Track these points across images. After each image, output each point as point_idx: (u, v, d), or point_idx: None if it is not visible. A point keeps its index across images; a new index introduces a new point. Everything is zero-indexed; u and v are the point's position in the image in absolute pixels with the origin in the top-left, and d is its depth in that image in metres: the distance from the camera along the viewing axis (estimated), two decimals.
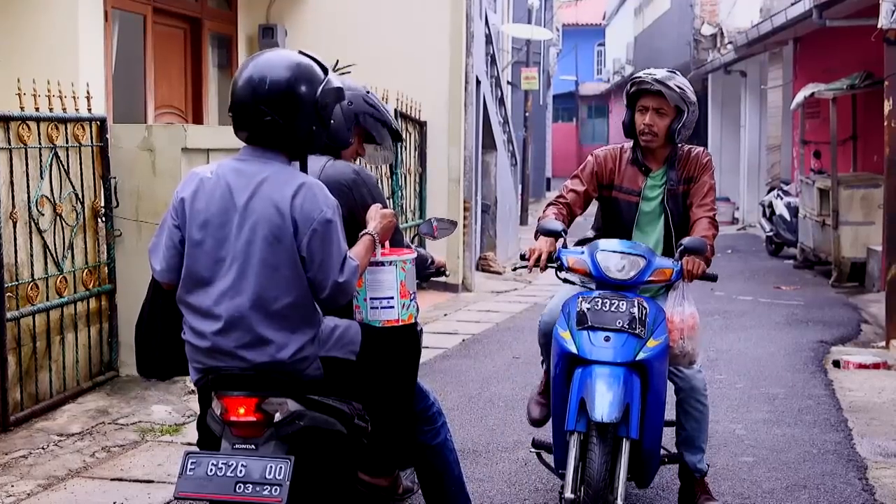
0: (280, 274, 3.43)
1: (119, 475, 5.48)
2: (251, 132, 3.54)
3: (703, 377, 4.96)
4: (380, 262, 3.74)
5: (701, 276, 4.61)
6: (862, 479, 5.60)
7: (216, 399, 3.50)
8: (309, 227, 3.42)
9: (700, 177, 4.90)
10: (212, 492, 3.34)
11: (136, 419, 6.41)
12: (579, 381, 4.36)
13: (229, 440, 3.46)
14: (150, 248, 3.65)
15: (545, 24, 29.15)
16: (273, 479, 3.32)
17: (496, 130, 16.96)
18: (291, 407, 3.46)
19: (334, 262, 3.44)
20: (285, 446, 3.45)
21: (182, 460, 3.40)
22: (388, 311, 3.75)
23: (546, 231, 4.74)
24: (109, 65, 9.46)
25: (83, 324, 6.78)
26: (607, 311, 4.45)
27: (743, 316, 11.21)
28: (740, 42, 20.07)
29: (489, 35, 16.42)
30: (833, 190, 13.80)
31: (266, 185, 3.46)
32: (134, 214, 6.96)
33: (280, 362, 3.45)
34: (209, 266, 3.48)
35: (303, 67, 3.53)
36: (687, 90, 4.77)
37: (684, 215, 4.92)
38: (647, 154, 4.91)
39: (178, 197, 3.60)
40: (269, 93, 3.46)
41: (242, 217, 3.45)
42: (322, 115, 3.55)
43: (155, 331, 3.74)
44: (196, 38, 11.22)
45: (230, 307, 3.44)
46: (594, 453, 4.25)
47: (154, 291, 3.75)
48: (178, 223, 3.57)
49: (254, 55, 3.62)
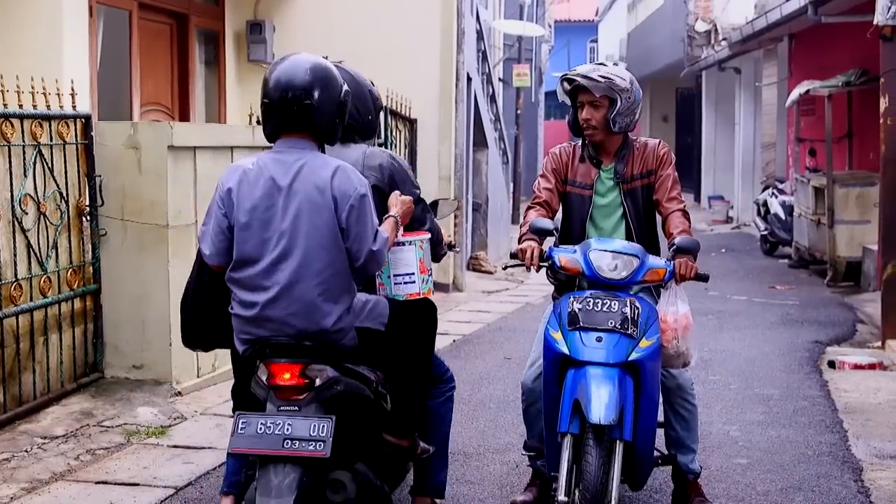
0: (323, 246, 3.98)
1: (104, 478, 5.47)
2: (282, 120, 4.07)
3: (690, 376, 4.97)
4: (401, 242, 4.34)
5: (693, 277, 4.63)
6: (857, 480, 5.61)
7: (263, 366, 4.01)
8: (347, 202, 4.00)
9: (660, 170, 4.92)
10: (263, 447, 3.84)
11: (121, 421, 6.40)
12: (572, 383, 4.36)
13: (274, 403, 3.96)
14: (199, 236, 4.22)
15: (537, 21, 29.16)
16: (317, 435, 3.84)
17: (487, 128, 16.96)
18: (330, 373, 4.00)
19: (369, 232, 4.03)
20: (324, 408, 3.96)
21: (234, 420, 3.91)
22: (411, 286, 4.36)
23: (538, 229, 4.76)
24: (94, 61, 9.43)
25: (67, 324, 6.76)
26: (599, 311, 4.46)
27: (737, 316, 11.23)
28: (735, 38, 20.09)
29: (480, 31, 16.42)
30: (828, 188, 13.82)
31: (305, 169, 4.03)
32: (119, 213, 6.94)
33: (324, 331, 4.00)
34: (257, 246, 4.01)
35: (323, 66, 4.12)
36: (615, 78, 4.78)
37: (646, 210, 4.94)
38: (599, 148, 4.95)
39: (224, 188, 4.13)
40: (295, 85, 4.01)
41: (287, 199, 4.00)
42: (343, 106, 4.13)
43: (200, 307, 4.30)
44: (183, 35, 11.20)
45: (279, 278, 3.97)
46: (591, 456, 4.25)
47: (199, 271, 4.30)
48: (225, 211, 4.10)
49: (284, 56, 4.16)
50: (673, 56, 27.25)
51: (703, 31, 25.37)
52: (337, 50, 9.66)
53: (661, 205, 4.92)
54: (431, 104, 12.58)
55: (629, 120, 4.85)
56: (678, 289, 4.67)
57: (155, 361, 6.98)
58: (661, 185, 4.92)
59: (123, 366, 7.04)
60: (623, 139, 4.95)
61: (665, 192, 4.91)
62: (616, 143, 4.94)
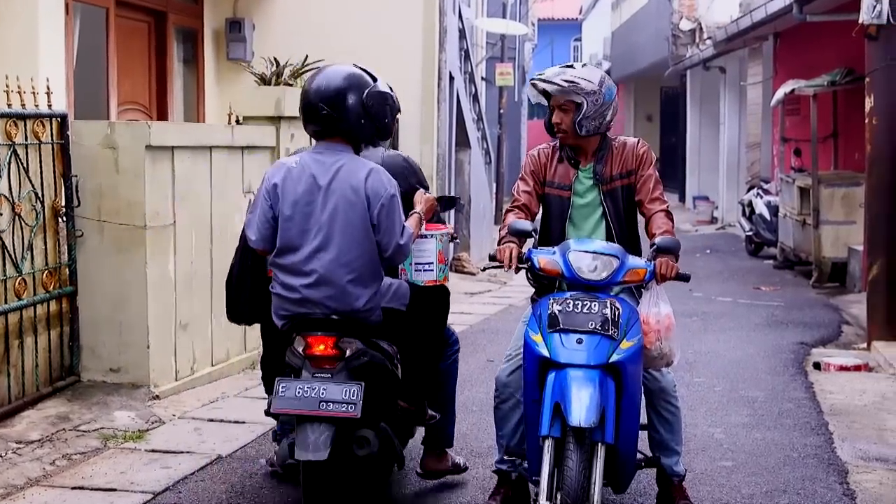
0: (356, 239, 4.65)
1: (80, 483, 5.45)
2: (318, 126, 4.76)
3: (672, 378, 4.98)
4: (423, 235, 4.98)
5: (674, 277, 4.65)
6: (843, 483, 5.64)
7: (300, 338, 4.64)
8: (378, 201, 4.66)
9: (641, 170, 4.94)
10: (301, 408, 4.47)
11: (97, 425, 6.37)
12: (553, 385, 4.37)
13: (309, 370, 4.59)
14: (245, 224, 4.87)
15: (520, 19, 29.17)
16: (349, 399, 4.47)
17: (470, 128, 16.96)
18: (359, 346, 4.64)
19: (396, 228, 4.69)
20: (351, 376, 4.58)
21: (275, 385, 4.52)
22: (429, 273, 5.01)
23: (516, 231, 4.79)
24: (70, 59, 9.40)
25: (43, 327, 6.73)
26: (579, 313, 4.47)
27: (722, 317, 11.27)
28: (719, 37, 20.15)
29: (463, 30, 16.42)
30: (814, 188, 13.88)
31: (343, 171, 4.68)
32: (96, 214, 6.92)
33: (356, 310, 4.67)
34: (298, 235, 4.66)
35: (353, 76, 4.78)
36: (581, 82, 4.80)
37: (626, 210, 4.95)
38: (577, 149, 4.98)
39: (270, 182, 4.74)
40: (326, 94, 4.69)
41: (325, 196, 4.65)
42: (368, 112, 4.73)
43: (244, 287, 5.09)
44: (161, 33, 11.17)
45: (318, 266, 4.63)
46: (571, 460, 4.25)
47: (243, 255, 5.08)
48: (271, 203, 4.72)
49: (320, 68, 4.90)
50: (657, 55, 27.30)
51: (688, 30, 25.44)
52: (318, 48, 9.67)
53: (643, 206, 4.93)
54: (413, 103, 12.57)
55: (598, 123, 4.86)
56: (659, 289, 4.69)
57: (132, 365, 6.95)
58: (643, 185, 4.93)
59: (100, 369, 7.01)
60: (601, 139, 4.96)
61: (647, 193, 4.92)
62: (594, 143, 4.96)
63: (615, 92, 4.93)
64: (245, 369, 8.02)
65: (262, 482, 5.56)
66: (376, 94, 4.79)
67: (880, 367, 8.61)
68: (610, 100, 4.87)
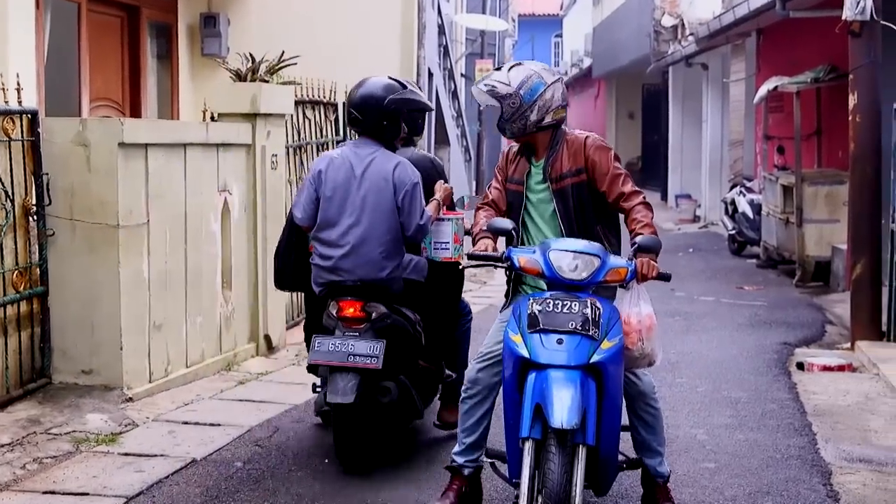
0: (383, 218, 5.73)
1: (52, 488, 5.42)
2: (355, 127, 5.98)
3: (651, 380, 4.98)
4: (441, 219, 5.94)
5: (655, 277, 4.65)
6: (826, 484, 5.66)
7: (333, 303, 5.73)
8: (403, 189, 5.74)
9: (599, 169, 4.90)
10: (332, 360, 5.56)
11: (70, 429, 6.34)
12: (534, 387, 4.37)
13: (341, 330, 5.66)
14: (293, 205, 6.03)
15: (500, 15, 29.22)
16: (373, 353, 5.54)
17: (449, 125, 16.98)
18: (383, 310, 5.70)
19: (417, 211, 5.77)
20: (377, 335, 5.62)
21: (311, 341, 5.69)
22: (446, 251, 5.93)
23: (496, 230, 4.81)
24: (41, 55, 9.34)
25: (13, 328, 6.68)
26: (559, 313, 4.47)
27: (704, 317, 11.29)
28: (702, 34, 20.19)
29: (442, 25, 16.44)
30: (797, 187, 13.93)
31: (374, 162, 5.81)
32: (68, 213, 6.87)
33: (380, 279, 5.72)
34: (336, 214, 5.76)
35: (381, 85, 5.88)
36: (498, 86, 4.86)
37: (579, 210, 4.92)
38: (529, 145, 5.02)
39: (316, 169, 5.88)
40: (353, 101, 5.90)
41: (360, 182, 5.77)
42: (389, 115, 5.83)
43: (289, 260, 6.20)
44: (134, 28, 11.11)
45: (351, 239, 5.71)
46: (553, 462, 4.25)
47: (289, 232, 6.21)
48: (315, 187, 5.83)
49: (363, 79, 6.00)
50: (639, 51, 27.33)
51: (670, 26, 25.48)
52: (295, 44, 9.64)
53: (618, 204, 4.94)
54: None
55: (521, 124, 4.89)
56: (640, 289, 4.70)
57: (105, 366, 6.91)
58: (611, 186, 4.92)
59: (72, 371, 6.97)
60: (553, 134, 4.97)
61: (615, 191, 4.92)
62: (544, 139, 4.99)
63: (542, 90, 4.87)
64: (220, 371, 7.99)
65: (237, 486, 5.54)
66: (398, 99, 5.84)
67: (864, 368, 8.65)
68: (530, 101, 4.85)
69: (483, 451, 5.02)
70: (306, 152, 10.15)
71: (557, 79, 5.00)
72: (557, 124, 4.98)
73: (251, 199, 8.56)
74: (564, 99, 5.00)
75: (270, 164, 8.70)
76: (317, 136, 10.29)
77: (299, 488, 5.50)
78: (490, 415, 4.99)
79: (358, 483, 5.56)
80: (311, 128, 10.19)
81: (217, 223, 8.04)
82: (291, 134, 9.57)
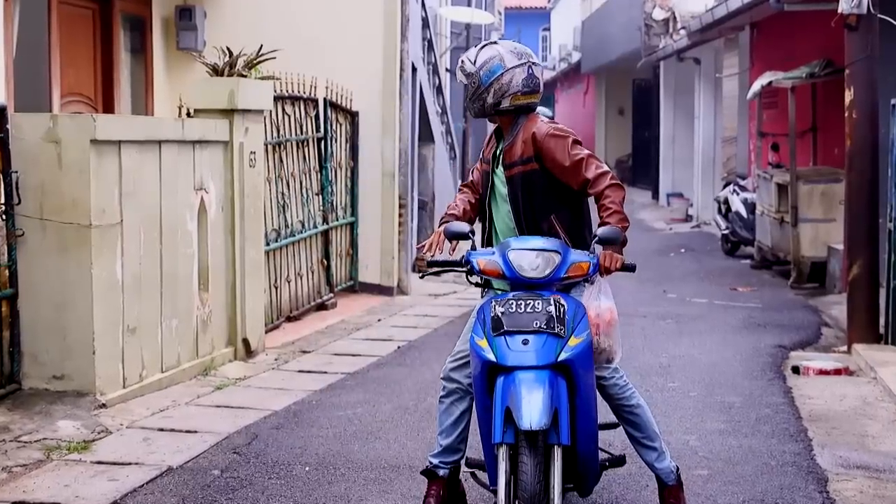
0: None
1: (21, 498, 5.41)
2: None
3: (622, 376, 4.98)
4: None
5: (619, 269, 4.68)
6: (822, 492, 5.68)
7: None
8: None
9: (550, 155, 4.85)
10: None
11: (40, 436, 6.32)
12: (502, 390, 4.39)
13: None
14: None
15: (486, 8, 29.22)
16: None
17: (434, 121, 16.97)
18: None
19: None
20: None
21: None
22: None
23: (453, 234, 4.84)
24: (10, 49, 9.32)
25: None
26: (523, 313, 4.49)
27: (697, 320, 11.32)
28: (694, 27, 20.25)
29: (426, 18, 16.43)
30: (792, 185, 13.96)
31: None
32: (38, 212, 6.86)
33: None
34: None
35: None
36: (466, 63, 4.91)
37: (527, 201, 4.90)
38: (501, 127, 5.05)
39: None
40: None
41: None
42: None
43: None
44: (106, 20, 11.08)
45: None
46: (525, 465, 4.28)
47: None
48: None
49: None
50: (629, 45, 27.37)
51: (661, 20, 25.53)
52: (274, 37, 9.65)
53: (587, 192, 4.86)
54: (374, 96, 12.56)
55: (478, 106, 4.92)
56: (603, 282, 4.73)
57: (77, 371, 6.90)
58: (571, 175, 4.84)
59: (43, 376, 6.95)
60: (513, 119, 4.96)
61: (579, 178, 4.83)
62: (506, 122, 5.01)
63: (500, 73, 4.83)
64: (197, 376, 7.99)
65: (214, 495, 5.53)
66: None
67: (861, 371, 8.68)
68: (486, 83, 4.84)
69: (461, 456, 5.03)
70: (286, 149, 10.15)
71: (521, 63, 4.88)
72: (519, 110, 4.93)
73: (229, 197, 8.55)
74: (528, 86, 4.88)
75: (249, 161, 8.70)
76: (297, 133, 10.28)
77: (278, 497, 5.50)
78: (468, 416, 4.99)
79: (338, 492, 5.56)
80: (291, 124, 10.18)
81: (193, 222, 8.04)
82: (270, 130, 9.56)
